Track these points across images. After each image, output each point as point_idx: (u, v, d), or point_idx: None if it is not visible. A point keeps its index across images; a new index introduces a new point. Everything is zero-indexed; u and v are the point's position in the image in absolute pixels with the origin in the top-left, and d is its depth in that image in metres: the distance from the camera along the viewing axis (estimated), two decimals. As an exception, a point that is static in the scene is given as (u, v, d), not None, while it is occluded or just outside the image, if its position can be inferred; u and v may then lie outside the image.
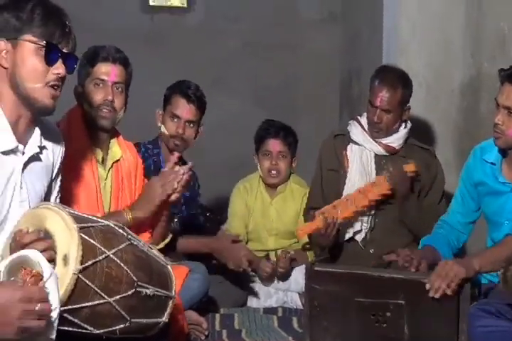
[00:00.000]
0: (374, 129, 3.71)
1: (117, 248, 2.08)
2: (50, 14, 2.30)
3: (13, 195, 2.34)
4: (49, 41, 2.29)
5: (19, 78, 2.30)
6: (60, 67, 2.31)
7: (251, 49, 5.67)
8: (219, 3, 5.67)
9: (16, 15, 2.28)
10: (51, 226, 2.04)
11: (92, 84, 3.05)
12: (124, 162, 3.16)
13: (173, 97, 3.74)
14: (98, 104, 3.02)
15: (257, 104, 5.64)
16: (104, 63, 3.05)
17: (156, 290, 2.18)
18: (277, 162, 4.16)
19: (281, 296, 3.97)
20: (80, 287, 1.98)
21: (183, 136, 3.68)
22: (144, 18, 5.60)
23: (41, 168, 2.46)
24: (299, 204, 4.17)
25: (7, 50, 2.30)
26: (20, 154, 2.37)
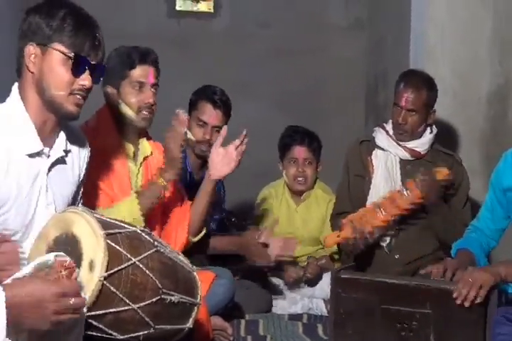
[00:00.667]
0: (399, 131, 3.69)
1: (143, 255, 2.08)
2: (81, 24, 2.31)
3: (39, 198, 2.36)
4: (78, 53, 2.30)
5: (45, 84, 2.31)
6: (87, 79, 2.32)
7: (277, 54, 5.68)
8: (245, 9, 5.68)
9: (47, 21, 2.29)
10: (78, 232, 2.05)
11: (129, 86, 3.07)
12: (153, 159, 3.20)
13: (200, 103, 3.75)
14: (138, 106, 3.05)
15: (283, 109, 5.64)
16: (143, 65, 3.08)
17: (181, 297, 2.17)
18: (304, 169, 4.16)
19: (307, 303, 3.96)
20: (104, 293, 1.99)
21: (210, 142, 3.69)
22: (171, 22, 5.63)
23: (67, 171, 2.48)
24: (324, 210, 4.16)
25: (36, 54, 2.32)
26: (46, 157, 2.39)
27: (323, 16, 5.79)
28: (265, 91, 5.71)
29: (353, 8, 5.81)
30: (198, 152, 3.74)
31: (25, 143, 2.32)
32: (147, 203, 2.95)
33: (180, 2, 5.63)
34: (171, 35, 5.56)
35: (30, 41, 2.31)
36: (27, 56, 2.32)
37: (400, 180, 3.69)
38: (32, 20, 2.32)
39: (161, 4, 5.63)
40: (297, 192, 4.22)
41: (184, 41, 5.57)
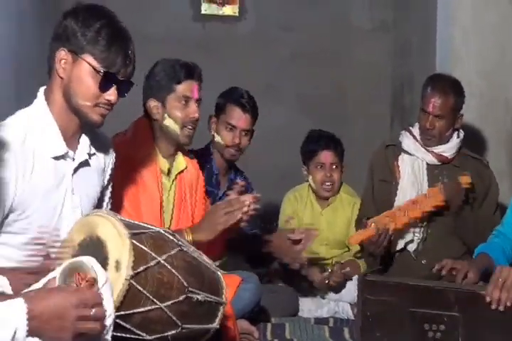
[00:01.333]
0: (426, 137, 3.66)
1: (168, 254, 2.07)
2: (114, 39, 2.31)
3: (65, 201, 2.37)
4: (107, 70, 2.30)
5: (72, 92, 2.33)
6: (113, 94, 2.34)
7: (301, 57, 5.68)
8: (270, 12, 5.69)
9: (83, 31, 2.30)
10: (103, 233, 2.05)
11: (176, 100, 3.07)
12: (187, 173, 3.21)
13: (228, 106, 3.73)
14: (184, 121, 3.06)
15: (307, 112, 5.64)
16: (189, 80, 3.09)
17: (207, 296, 2.16)
18: (331, 173, 4.12)
19: (333, 306, 3.94)
20: (132, 293, 1.98)
21: (239, 145, 3.67)
22: (196, 26, 5.65)
23: (92, 173, 2.49)
24: (349, 213, 4.14)
25: (67, 60, 2.32)
26: (71, 160, 2.40)
27: (347, 19, 5.79)
28: (289, 95, 5.70)
29: (377, 10, 5.80)
30: (227, 156, 3.73)
31: (50, 145, 2.33)
32: None
33: (206, 6, 5.65)
34: (196, 38, 5.58)
35: (63, 46, 2.32)
36: (58, 60, 2.33)
37: (427, 185, 3.68)
38: (68, 24, 2.32)
39: (187, 8, 5.65)
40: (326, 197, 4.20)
41: (209, 45, 5.58)
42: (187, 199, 3.18)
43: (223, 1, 5.66)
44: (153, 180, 3.05)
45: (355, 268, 3.98)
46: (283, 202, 4.29)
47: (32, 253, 2.18)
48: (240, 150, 3.72)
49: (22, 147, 2.26)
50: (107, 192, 2.63)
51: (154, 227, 2.17)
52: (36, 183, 2.29)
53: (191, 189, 3.22)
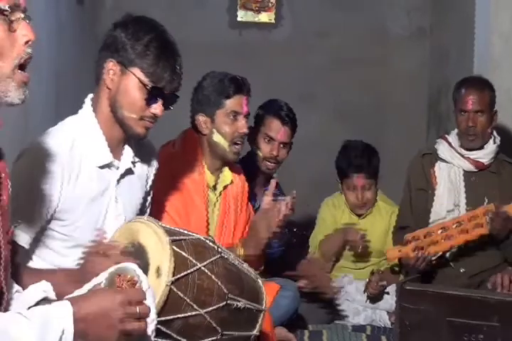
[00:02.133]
0: (469, 138, 3.66)
1: (208, 260, 2.08)
2: (163, 54, 2.31)
3: (108, 209, 2.39)
4: (155, 85, 2.31)
5: (119, 104, 2.35)
6: (159, 108, 2.35)
7: (338, 64, 5.67)
8: (307, 19, 5.68)
9: (132, 43, 2.31)
10: (144, 240, 2.06)
11: (225, 116, 3.07)
12: (232, 187, 3.21)
13: (267, 118, 3.69)
14: (233, 136, 3.06)
15: (343, 120, 5.62)
16: (239, 95, 3.09)
17: (247, 303, 2.16)
18: (363, 195, 4.09)
19: (370, 314, 3.93)
20: (172, 298, 1.99)
21: (277, 158, 3.66)
22: (233, 33, 5.67)
23: (135, 182, 2.51)
24: (387, 222, 4.12)
25: (115, 72, 2.34)
26: (115, 168, 2.42)
27: (384, 25, 5.77)
28: (326, 102, 5.70)
29: (415, 17, 5.77)
30: (264, 168, 3.70)
31: (96, 154, 2.35)
32: None
33: (242, 13, 5.66)
34: (232, 45, 5.59)
35: (112, 57, 2.34)
36: (106, 70, 2.35)
37: (464, 192, 3.66)
38: (118, 35, 2.34)
39: (223, 15, 5.67)
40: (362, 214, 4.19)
41: (245, 52, 5.59)
42: (231, 212, 3.18)
43: (259, 8, 5.67)
44: (200, 194, 3.06)
45: (392, 278, 3.96)
46: (321, 207, 4.27)
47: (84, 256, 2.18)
48: (278, 162, 3.68)
49: (69, 154, 2.29)
50: (148, 200, 2.65)
51: (194, 234, 2.17)
52: (81, 191, 2.31)
53: (236, 202, 3.22)
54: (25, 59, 1.65)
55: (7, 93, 1.62)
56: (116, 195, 2.41)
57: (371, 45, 5.69)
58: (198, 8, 5.61)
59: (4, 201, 1.76)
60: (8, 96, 1.62)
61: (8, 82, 1.62)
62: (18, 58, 1.63)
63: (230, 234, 3.15)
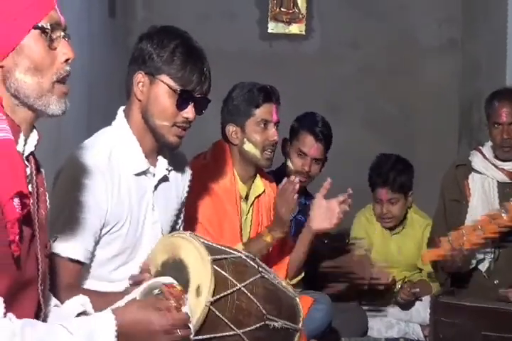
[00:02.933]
0: (504, 149, 3.65)
1: (248, 280, 2.07)
2: (189, 58, 2.33)
3: (146, 216, 2.41)
4: (184, 88, 2.32)
5: (150, 113, 2.36)
6: (191, 112, 2.35)
7: (368, 76, 5.66)
8: (337, 31, 5.69)
9: (158, 52, 2.33)
10: (185, 257, 2.06)
11: (255, 125, 3.09)
12: (264, 197, 3.22)
13: (301, 133, 3.69)
14: (264, 145, 3.08)
15: (373, 131, 5.61)
16: (268, 104, 3.10)
17: (284, 323, 2.15)
18: (388, 209, 4.10)
19: (403, 327, 3.93)
20: (210, 318, 1.98)
21: (309, 173, 3.66)
22: (263, 44, 5.68)
23: (170, 189, 2.53)
24: (420, 235, 4.13)
25: (144, 83, 2.36)
26: (151, 176, 2.43)
27: (415, 37, 5.76)
28: (355, 113, 5.69)
29: (446, 28, 5.75)
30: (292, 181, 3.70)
31: (132, 162, 2.37)
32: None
33: (273, 24, 5.68)
34: (263, 56, 5.60)
35: (140, 69, 2.36)
36: (135, 83, 2.37)
37: (498, 204, 3.64)
38: (144, 47, 2.36)
39: (254, 26, 5.69)
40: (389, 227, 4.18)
41: (276, 63, 5.60)
42: (263, 222, 3.20)
43: (290, 20, 5.68)
44: (232, 205, 3.07)
45: (426, 289, 3.95)
46: (354, 223, 4.28)
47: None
48: (310, 177, 3.68)
49: (108, 165, 2.31)
50: (182, 209, 2.66)
51: (236, 252, 2.17)
52: (122, 199, 2.33)
53: (268, 211, 3.23)
54: (64, 76, 1.68)
55: (48, 106, 1.66)
56: (153, 202, 2.43)
57: (401, 56, 5.68)
58: (228, 20, 5.64)
59: (42, 215, 1.77)
60: (50, 108, 1.66)
61: (48, 96, 1.65)
62: (57, 75, 1.67)
63: None
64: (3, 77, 1.63)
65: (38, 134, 1.73)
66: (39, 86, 1.63)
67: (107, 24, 4.60)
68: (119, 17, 4.88)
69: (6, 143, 1.57)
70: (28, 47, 1.62)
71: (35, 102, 1.64)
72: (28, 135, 1.70)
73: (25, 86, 1.62)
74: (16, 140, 1.63)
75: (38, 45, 1.63)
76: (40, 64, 1.63)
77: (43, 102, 1.64)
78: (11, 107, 1.64)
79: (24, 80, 1.62)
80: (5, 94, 1.63)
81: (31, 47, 1.62)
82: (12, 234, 1.56)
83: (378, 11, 5.72)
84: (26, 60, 1.62)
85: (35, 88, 1.63)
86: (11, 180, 1.55)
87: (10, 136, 1.59)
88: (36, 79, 1.63)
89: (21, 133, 1.67)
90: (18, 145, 1.65)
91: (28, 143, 1.70)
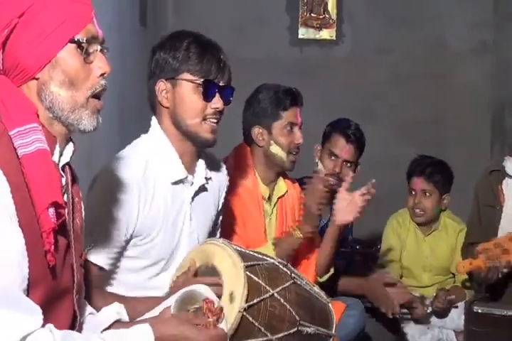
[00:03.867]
0: None
1: (281, 286, 2.08)
2: (204, 50, 2.35)
3: (183, 226, 2.41)
4: (206, 78, 2.34)
5: (180, 116, 2.37)
6: (218, 102, 2.36)
7: (399, 80, 5.64)
8: (368, 36, 5.68)
9: (173, 55, 2.35)
10: (219, 263, 2.08)
11: (282, 127, 3.10)
12: (288, 197, 3.22)
13: (333, 135, 3.69)
14: (290, 148, 3.10)
15: (405, 137, 5.59)
16: (295, 107, 3.13)
17: (317, 328, 2.16)
18: (420, 200, 4.08)
19: (437, 333, 3.91)
20: (244, 324, 2.00)
21: (340, 175, 3.65)
22: (294, 50, 5.68)
23: (208, 198, 2.53)
24: (454, 239, 4.10)
25: (167, 89, 2.37)
26: (190, 185, 2.44)
27: (445, 40, 5.73)
28: (387, 119, 5.67)
29: (476, 31, 5.71)
30: (325, 184, 3.70)
31: (170, 171, 2.38)
32: (283, 254, 2.90)
33: (303, 30, 5.68)
34: (293, 62, 5.60)
35: (160, 78, 2.37)
36: (159, 92, 2.38)
37: (532, 209, 3.62)
38: (158, 57, 2.39)
39: (284, 32, 5.69)
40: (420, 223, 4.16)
41: (306, 69, 5.60)
42: (288, 222, 3.20)
43: (320, 25, 5.68)
44: (256, 207, 3.08)
45: (460, 295, 3.93)
46: (386, 226, 4.26)
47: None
48: (340, 180, 3.66)
49: (144, 176, 2.32)
50: (220, 217, 2.67)
51: (269, 258, 2.18)
52: (157, 209, 2.34)
53: (293, 212, 3.23)
54: (99, 90, 1.69)
55: (81, 121, 1.66)
56: (190, 212, 2.44)
57: (432, 60, 5.65)
58: (259, 27, 5.65)
59: (78, 225, 1.79)
60: (82, 124, 1.67)
61: (81, 111, 1.66)
62: (92, 89, 1.67)
63: None
64: (39, 90, 1.64)
65: (73, 146, 1.74)
66: (73, 100, 1.65)
67: (138, 34, 4.61)
68: (150, 26, 4.89)
69: (42, 154, 1.58)
70: (63, 60, 1.63)
71: (68, 116, 1.65)
72: (63, 146, 1.72)
73: (59, 99, 1.64)
74: (51, 151, 1.64)
75: (73, 58, 1.64)
76: (75, 78, 1.64)
77: (75, 116, 1.65)
78: (46, 119, 1.66)
79: (59, 93, 1.63)
80: (40, 106, 1.65)
81: (66, 60, 1.63)
82: (47, 243, 1.57)
83: (409, 15, 5.69)
84: (61, 74, 1.63)
85: (69, 101, 1.64)
86: (46, 191, 1.57)
87: (46, 146, 1.60)
88: (70, 92, 1.64)
89: (57, 145, 1.68)
90: (54, 156, 1.67)
91: (63, 154, 1.71)
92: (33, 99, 1.64)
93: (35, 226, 1.57)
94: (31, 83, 1.64)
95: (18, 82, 1.64)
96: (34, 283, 1.57)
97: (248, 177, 3.09)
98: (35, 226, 1.57)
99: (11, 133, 1.58)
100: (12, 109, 1.60)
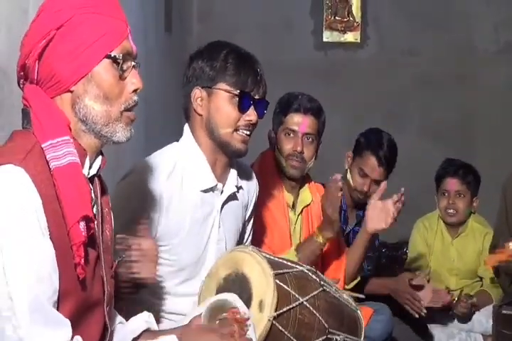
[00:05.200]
0: None
1: (310, 294, 2.10)
2: (242, 62, 2.37)
3: (211, 234, 2.42)
4: (242, 90, 2.35)
5: (213, 124, 2.38)
6: (252, 114, 2.37)
7: (426, 83, 5.61)
8: (393, 38, 5.66)
9: (210, 64, 2.37)
10: (248, 271, 2.09)
11: (283, 133, 3.11)
12: (314, 205, 3.20)
13: (365, 153, 3.61)
14: (287, 153, 3.08)
15: (432, 139, 5.56)
16: (296, 114, 3.09)
17: (346, 336, 2.17)
18: (454, 201, 4.07)
19: (464, 337, 3.90)
20: (273, 333, 2.01)
21: (367, 194, 3.60)
22: (318, 54, 5.67)
23: (238, 207, 2.54)
24: (481, 243, 4.08)
25: (202, 97, 2.39)
26: (219, 193, 2.45)
27: (471, 41, 5.68)
28: (413, 122, 5.65)
29: (503, 31, 5.66)
30: (354, 196, 3.68)
31: (200, 179, 2.39)
32: (305, 260, 2.87)
33: (328, 33, 5.65)
34: (318, 66, 5.59)
35: (196, 85, 2.39)
36: (194, 100, 2.40)
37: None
38: (196, 65, 2.40)
39: (308, 36, 5.68)
40: (450, 224, 4.15)
41: (331, 72, 5.59)
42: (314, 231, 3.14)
43: (345, 28, 5.66)
44: (281, 214, 3.08)
45: (486, 299, 3.91)
46: (413, 231, 4.25)
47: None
48: (367, 197, 3.58)
49: (168, 180, 2.33)
50: (249, 226, 2.68)
51: (298, 266, 2.19)
52: (183, 216, 2.35)
53: (319, 220, 3.18)
54: (132, 106, 1.71)
55: (115, 134, 1.69)
56: (219, 220, 2.44)
57: (458, 61, 5.61)
58: (284, 31, 5.64)
59: (107, 236, 1.80)
60: (116, 136, 1.69)
61: (116, 124, 1.68)
62: (126, 104, 1.70)
63: None
64: (73, 102, 1.66)
65: (102, 158, 1.76)
66: (107, 114, 1.67)
67: (163, 39, 4.63)
68: (175, 32, 4.90)
69: (73, 167, 1.60)
70: (98, 75, 1.65)
71: (102, 129, 1.67)
72: (93, 159, 1.73)
73: (93, 113, 1.66)
74: (82, 163, 1.66)
75: (108, 74, 1.66)
76: (110, 93, 1.66)
77: (109, 129, 1.68)
78: (77, 132, 1.68)
79: (93, 107, 1.65)
80: (73, 118, 1.67)
81: (102, 75, 1.65)
82: (78, 256, 1.59)
83: (434, 17, 5.65)
84: (96, 88, 1.65)
85: (103, 115, 1.66)
86: (77, 204, 1.59)
87: (77, 159, 1.62)
88: (105, 107, 1.66)
89: (87, 157, 1.70)
90: (84, 169, 1.68)
91: (93, 166, 1.73)
92: (65, 111, 1.66)
93: (65, 239, 1.58)
94: (65, 95, 1.66)
95: (51, 93, 1.66)
96: (64, 295, 1.59)
97: (273, 184, 3.09)
98: (65, 239, 1.58)
99: (44, 146, 1.60)
100: (45, 120, 1.62)
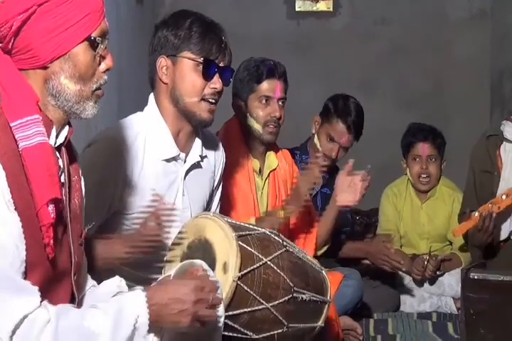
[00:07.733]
0: None
1: (274, 254, 2.11)
2: (206, 30, 2.37)
3: (175, 202, 2.43)
4: (206, 57, 2.36)
5: (178, 93, 2.39)
6: (217, 82, 2.38)
7: (398, 51, 5.64)
8: (365, 7, 5.67)
9: (175, 33, 2.37)
10: (211, 236, 2.11)
11: (257, 100, 3.09)
12: (279, 170, 3.22)
13: (334, 118, 3.64)
14: (265, 120, 3.07)
15: (405, 107, 5.59)
16: (270, 80, 3.08)
17: (312, 295, 2.20)
18: (427, 166, 4.09)
19: (435, 301, 3.94)
20: (239, 293, 2.03)
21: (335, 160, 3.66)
22: (291, 23, 5.68)
23: (203, 176, 2.55)
24: (450, 207, 4.12)
25: (167, 66, 2.40)
26: (182, 162, 2.46)
27: (443, 10, 5.71)
28: (385, 90, 5.68)
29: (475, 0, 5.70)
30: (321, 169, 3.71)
31: (162, 148, 2.40)
32: None
33: (300, 3, 5.65)
34: (290, 36, 5.60)
35: (161, 54, 2.40)
36: (159, 69, 2.41)
37: (531, 173, 3.59)
38: (160, 34, 2.41)
39: (280, 6, 5.68)
40: (422, 191, 4.18)
41: (304, 42, 5.61)
42: (281, 195, 3.20)
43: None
44: (246, 180, 3.08)
45: (456, 262, 3.96)
46: (382, 199, 4.29)
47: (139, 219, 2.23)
48: (334, 162, 3.67)
49: (130, 148, 2.34)
50: (216, 194, 2.69)
51: (260, 228, 2.21)
52: (145, 185, 2.36)
53: (285, 185, 3.23)
54: (102, 84, 1.75)
55: (84, 111, 1.73)
56: (183, 189, 2.46)
57: (430, 30, 5.64)
58: (257, 1, 5.63)
59: (76, 204, 1.82)
60: (84, 113, 1.73)
61: (86, 103, 1.72)
62: (97, 84, 1.74)
63: None
64: (46, 78, 1.69)
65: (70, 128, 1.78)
66: (80, 93, 1.70)
67: (134, 11, 4.61)
68: (146, 4, 4.88)
69: (42, 148, 1.63)
70: (77, 56, 1.68)
71: (72, 106, 1.71)
72: (60, 129, 1.75)
73: (68, 91, 1.69)
74: (48, 134, 1.68)
75: (86, 55, 1.70)
76: (85, 73, 1.70)
77: (79, 107, 1.71)
78: (46, 105, 1.71)
79: (68, 86, 1.69)
80: (44, 93, 1.69)
81: (80, 56, 1.69)
82: (47, 237, 1.62)
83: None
84: (73, 68, 1.68)
85: (76, 94, 1.70)
86: (45, 186, 1.61)
87: (46, 139, 1.65)
88: (79, 86, 1.70)
89: (54, 128, 1.72)
90: (50, 139, 1.70)
91: (60, 136, 1.75)
92: (36, 86, 1.69)
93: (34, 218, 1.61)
94: (39, 71, 1.69)
95: (23, 65, 1.68)
96: (31, 266, 1.61)
97: (238, 151, 3.09)
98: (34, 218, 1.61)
99: (13, 125, 1.62)
100: (14, 96, 1.64)
